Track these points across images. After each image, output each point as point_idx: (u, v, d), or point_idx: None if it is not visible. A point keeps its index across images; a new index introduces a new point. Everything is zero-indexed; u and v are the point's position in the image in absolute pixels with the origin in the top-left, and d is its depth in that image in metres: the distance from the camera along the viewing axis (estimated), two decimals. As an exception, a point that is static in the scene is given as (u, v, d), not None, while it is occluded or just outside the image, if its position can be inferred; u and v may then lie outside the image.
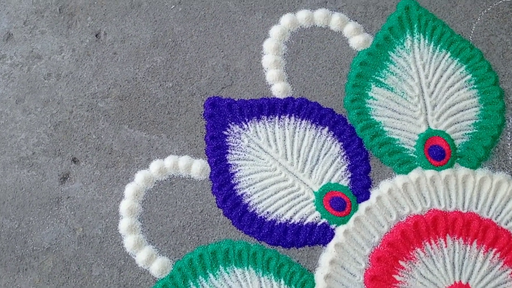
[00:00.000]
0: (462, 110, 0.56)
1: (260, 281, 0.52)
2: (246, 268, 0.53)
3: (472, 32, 0.58)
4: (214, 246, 0.53)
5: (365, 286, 0.52)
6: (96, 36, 0.59)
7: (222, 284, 0.52)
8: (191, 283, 0.52)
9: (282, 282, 0.52)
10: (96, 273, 0.53)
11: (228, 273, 0.53)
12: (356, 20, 0.59)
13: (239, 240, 0.53)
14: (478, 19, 0.59)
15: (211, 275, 0.53)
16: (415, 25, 0.58)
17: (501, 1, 0.59)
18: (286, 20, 0.59)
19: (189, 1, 0.60)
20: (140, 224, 0.54)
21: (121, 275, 0.53)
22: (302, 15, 0.59)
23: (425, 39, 0.58)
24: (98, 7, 0.60)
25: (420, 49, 0.58)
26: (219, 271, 0.53)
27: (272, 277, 0.52)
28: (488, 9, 0.59)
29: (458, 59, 0.57)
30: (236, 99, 0.57)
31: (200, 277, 0.53)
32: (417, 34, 0.58)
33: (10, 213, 0.55)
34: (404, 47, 0.58)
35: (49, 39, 0.59)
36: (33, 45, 0.59)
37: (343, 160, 0.55)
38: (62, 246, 0.54)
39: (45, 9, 0.60)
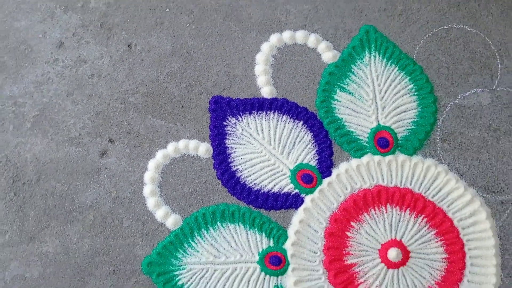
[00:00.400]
0: (404, 111, 0.73)
1: (247, 234, 0.70)
2: (237, 224, 0.70)
3: (416, 51, 0.75)
4: (213, 207, 0.71)
5: (325, 240, 0.69)
6: (128, 46, 0.76)
7: (219, 235, 0.70)
8: (196, 234, 0.70)
9: (264, 235, 0.70)
10: (126, 224, 0.71)
11: (223, 227, 0.70)
12: (327, 40, 0.76)
13: (232, 204, 0.71)
14: (421, 41, 0.76)
15: (211, 228, 0.70)
16: (372, 45, 0.75)
17: (440, 28, 0.76)
18: (274, 38, 0.76)
19: (200, 21, 0.77)
20: (159, 189, 0.71)
21: (144, 227, 0.71)
22: (286, 35, 0.76)
23: (379, 56, 0.75)
24: (130, 23, 0.77)
25: (375, 64, 0.75)
26: (217, 225, 0.70)
27: (256, 231, 0.70)
28: (430, 34, 0.76)
29: (403, 72, 0.74)
30: (234, 98, 0.74)
31: (203, 229, 0.70)
32: (374, 52, 0.75)
33: (61, 179, 0.73)
34: (363, 61, 0.75)
35: (92, 47, 0.77)
36: (80, 52, 0.77)
37: (313, 146, 0.72)
38: (100, 204, 0.71)
39: (90, 24, 0.78)
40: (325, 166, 0.72)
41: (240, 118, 0.73)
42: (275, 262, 0.68)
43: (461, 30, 0.76)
